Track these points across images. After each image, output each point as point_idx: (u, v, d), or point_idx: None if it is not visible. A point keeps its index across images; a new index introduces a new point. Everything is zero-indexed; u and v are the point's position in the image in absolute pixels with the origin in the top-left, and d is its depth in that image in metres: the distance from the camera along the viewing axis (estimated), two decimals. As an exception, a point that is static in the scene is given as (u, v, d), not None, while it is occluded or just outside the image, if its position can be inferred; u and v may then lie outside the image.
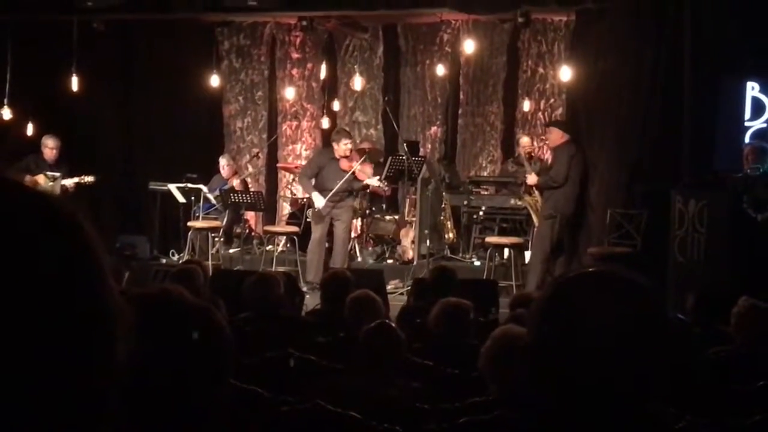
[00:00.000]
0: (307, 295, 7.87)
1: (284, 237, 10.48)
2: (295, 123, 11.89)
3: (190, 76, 11.10)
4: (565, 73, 9.48)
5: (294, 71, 11.78)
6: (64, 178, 9.69)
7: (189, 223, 10.09)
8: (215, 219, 10.39)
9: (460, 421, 2.63)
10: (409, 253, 10.07)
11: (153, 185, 10.55)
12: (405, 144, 10.48)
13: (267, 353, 4.00)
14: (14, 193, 0.71)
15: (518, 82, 11.11)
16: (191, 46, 11.27)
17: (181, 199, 10.33)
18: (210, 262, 9.03)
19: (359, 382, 3.44)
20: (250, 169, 11.34)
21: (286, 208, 11.45)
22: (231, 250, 10.46)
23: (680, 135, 8.40)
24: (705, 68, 8.29)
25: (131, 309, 0.76)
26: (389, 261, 10.27)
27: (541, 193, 9.25)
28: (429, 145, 11.52)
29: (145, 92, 11.28)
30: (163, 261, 10.15)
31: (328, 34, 11.56)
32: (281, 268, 8.91)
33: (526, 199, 9.48)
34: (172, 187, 10.32)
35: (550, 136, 9.37)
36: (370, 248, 10.59)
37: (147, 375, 1.38)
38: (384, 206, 10.84)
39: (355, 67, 11.37)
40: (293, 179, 11.21)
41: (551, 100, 10.94)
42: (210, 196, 10.30)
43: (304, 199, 10.69)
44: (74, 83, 10.31)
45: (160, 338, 1.47)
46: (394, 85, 11.63)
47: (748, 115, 8.44)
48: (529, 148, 10.31)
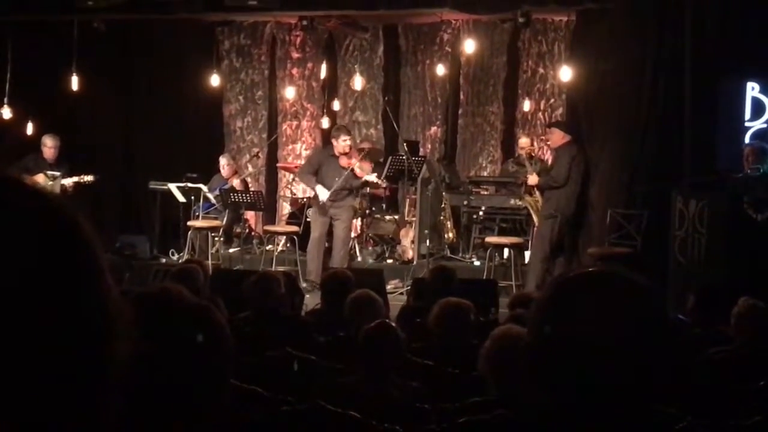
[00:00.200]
0: (307, 295, 7.87)
1: (284, 237, 10.48)
2: (295, 123, 11.89)
3: (190, 76, 11.11)
4: (566, 74, 9.48)
5: (294, 71, 11.78)
6: (63, 178, 9.70)
7: (189, 223, 10.09)
8: (215, 218, 10.39)
9: (459, 420, 2.62)
10: (409, 253, 10.07)
11: (153, 185, 10.55)
12: (405, 144, 10.48)
13: (267, 353, 4.00)
14: (14, 192, 0.71)
15: (518, 82, 11.12)
16: (191, 46, 11.27)
17: (181, 198, 10.33)
18: (210, 262, 9.02)
19: (359, 382, 3.44)
20: (250, 168, 11.34)
21: (286, 208, 11.44)
22: (231, 250, 10.45)
23: (681, 135, 8.40)
24: (705, 68, 8.29)
25: (131, 308, 0.76)
26: (389, 261, 10.27)
27: (541, 194, 9.25)
28: (429, 145, 11.52)
29: (146, 92, 11.29)
30: (163, 260, 10.14)
31: (329, 34, 11.56)
32: (281, 268, 8.91)
33: (527, 199, 9.47)
34: (172, 187, 10.32)
35: (551, 136, 9.35)
36: (370, 248, 10.59)
37: (147, 374, 1.38)
38: (384, 206, 10.84)
39: (356, 66, 11.37)
40: (293, 179, 11.20)
41: (551, 101, 10.94)
42: (210, 196, 10.29)
43: (304, 199, 10.69)
44: (74, 83, 10.32)
45: (160, 338, 1.46)
46: (395, 84, 11.63)
47: (748, 115, 8.44)
48: (528, 148, 10.31)
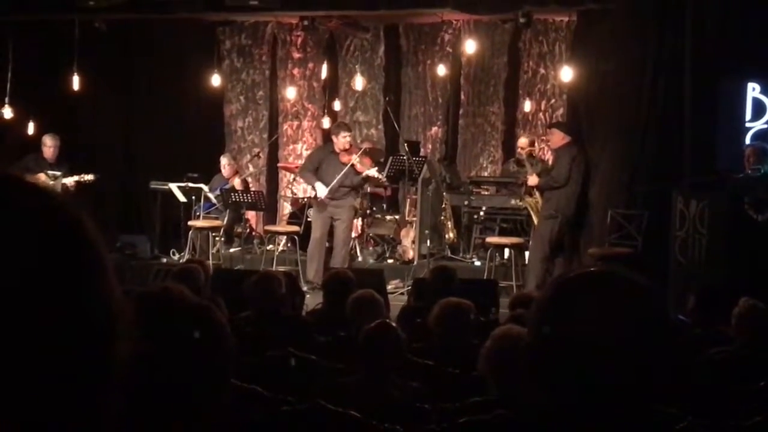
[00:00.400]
0: (308, 295, 7.87)
1: (285, 237, 10.47)
2: (296, 123, 11.89)
3: (191, 76, 11.11)
4: (566, 74, 9.48)
5: (295, 71, 11.78)
6: (64, 177, 9.70)
7: (190, 223, 10.09)
8: (216, 218, 10.39)
9: (460, 420, 2.62)
10: (410, 253, 10.07)
11: (154, 184, 10.55)
12: (406, 144, 10.48)
13: (267, 353, 4.00)
14: (16, 190, 0.71)
15: (519, 83, 11.11)
16: (192, 46, 11.27)
17: (181, 198, 10.33)
18: (210, 262, 9.02)
19: (360, 382, 3.44)
20: (251, 168, 11.34)
21: (286, 208, 11.44)
22: (231, 250, 10.45)
23: (681, 136, 8.40)
24: (706, 69, 8.28)
25: (133, 307, 0.76)
26: (390, 261, 10.26)
27: (541, 194, 9.24)
28: (430, 146, 11.52)
29: (146, 92, 11.29)
30: (164, 260, 10.13)
31: (330, 34, 11.56)
32: (282, 268, 8.90)
33: (527, 200, 9.46)
34: (173, 187, 10.32)
35: (551, 137, 9.35)
36: (371, 248, 10.58)
37: (147, 374, 1.38)
38: (385, 206, 10.84)
39: (356, 66, 11.36)
40: (294, 179, 11.20)
41: (552, 101, 10.94)
42: (211, 196, 10.29)
43: (305, 199, 10.69)
44: (75, 82, 10.32)
45: (160, 337, 1.47)
46: (395, 85, 11.63)
47: (748, 116, 8.44)
48: (528, 148, 10.29)
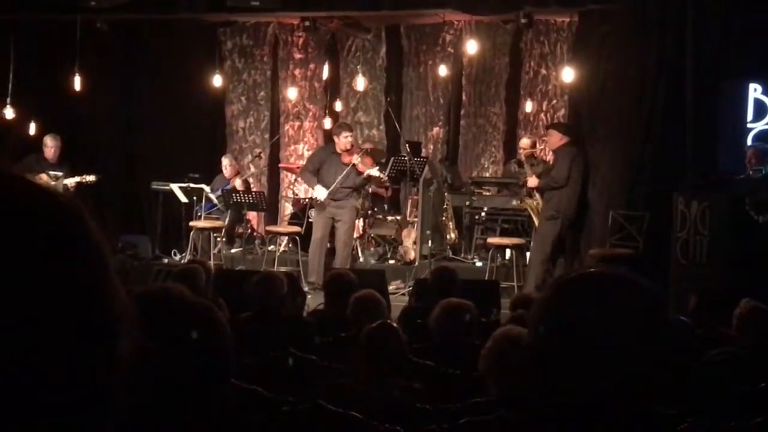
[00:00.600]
0: (309, 296, 7.87)
1: (286, 237, 10.47)
2: (297, 123, 11.89)
3: (192, 76, 11.11)
4: (568, 75, 9.48)
5: (296, 71, 11.78)
6: (66, 178, 9.70)
7: (191, 223, 10.09)
8: (217, 219, 10.39)
9: (461, 421, 2.63)
10: (411, 254, 10.07)
11: (155, 185, 10.56)
12: (407, 144, 10.48)
13: (268, 353, 4.00)
14: (18, 189, 0.71)
15: (521, 83, 11.11)
16: (194, 46, 11.28)
17: (183, 198, 10.33)
18: (212, 262, 9.03)
19: (360, 383, 3.44)
20: (252, 169, 11.34)
21: (288, 209, 11.44)
22: (233, 250, 10.45)
23: (683, 137, 8.40)
24: (707, 70, 8.28)
25: (134, 307, 0.76)
26: (391, 261, 10.26)
27: (541, 195, 9.24)
28: (431, 146, 11.52)
29: (148, 92, 11.28)
30: (165, 261, 10.15)
31: (331, 35, 11.56)
32: (283, 269, 8.90)
33: (527, 201, 9.45)
34: (175, 187, 10.32)
35: (549, 138, 9.36)
36: (372, 249, 10.58)
37: (148, 374, 1.38)
38: (386, 207, 10.84)
39: (358, 67, 11.36)
40: (295, 179, 11.20)
41: (553, 102, 10.94)
42: (212, 196, 10.30)
43: (306, 200, 10.68)
44: (77, 83, 10.31)
45: (161, 337, 1.47)
46: (397, 85, 11.63)
47: (750, 117, 8.43)
48: (530, 149, 10.29)
